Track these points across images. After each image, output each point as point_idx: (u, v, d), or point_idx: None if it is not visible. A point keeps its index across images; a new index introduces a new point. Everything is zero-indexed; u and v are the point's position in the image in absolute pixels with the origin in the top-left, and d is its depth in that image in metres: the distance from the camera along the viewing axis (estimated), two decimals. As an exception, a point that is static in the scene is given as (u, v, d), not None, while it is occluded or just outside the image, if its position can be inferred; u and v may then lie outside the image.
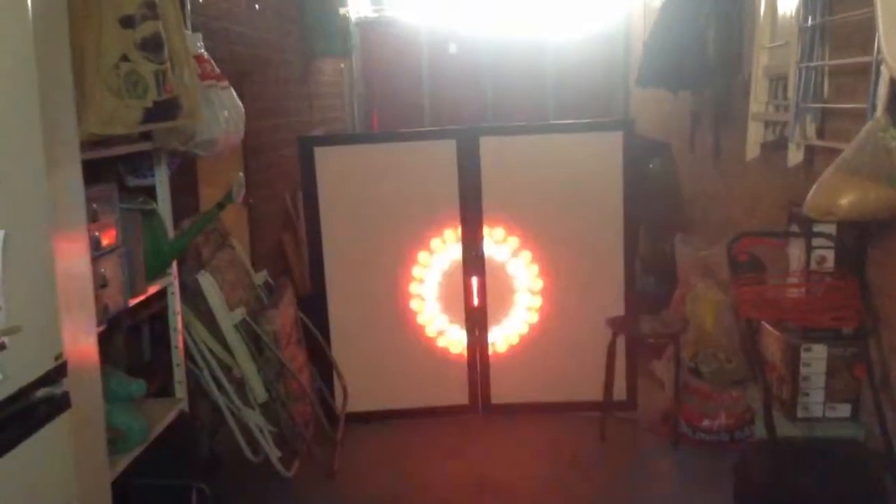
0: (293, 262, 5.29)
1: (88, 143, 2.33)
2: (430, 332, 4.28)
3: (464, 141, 4.12)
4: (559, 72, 7.75)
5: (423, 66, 7.90)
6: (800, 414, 3.21)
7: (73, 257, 2.02)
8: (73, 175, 2.10)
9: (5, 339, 1.57)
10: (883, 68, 2.63)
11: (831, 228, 3.09)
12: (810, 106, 3.34)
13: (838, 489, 2.86)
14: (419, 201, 4.17)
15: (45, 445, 1.74)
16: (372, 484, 3.64)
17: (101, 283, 2.42)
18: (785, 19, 3.71)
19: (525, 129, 4.40)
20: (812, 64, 3.31)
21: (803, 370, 3.18)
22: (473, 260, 4.19)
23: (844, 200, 2.67)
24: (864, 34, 2.88)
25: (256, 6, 4.92)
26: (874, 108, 2.72)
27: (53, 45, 1.95)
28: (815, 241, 3.14)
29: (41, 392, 1.71)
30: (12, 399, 1.63)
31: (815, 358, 3.18)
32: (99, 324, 2.32)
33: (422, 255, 4.21)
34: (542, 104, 7.76)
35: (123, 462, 2.54)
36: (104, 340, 2.52)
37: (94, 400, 2.09)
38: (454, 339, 4.30)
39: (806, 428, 3.18)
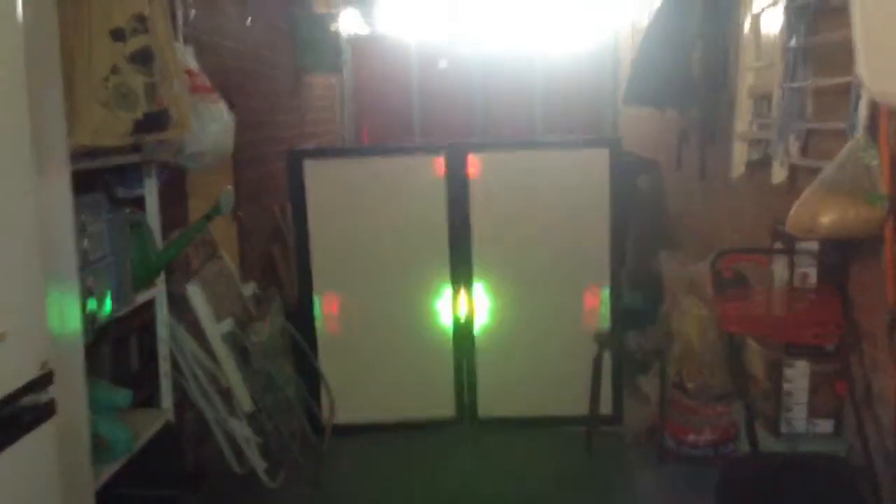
0: (282, 274, 5.30)
1: (78, 154, 2.34)
2: (417, 345, 4.29)
3: (453, 156, 4.15)
4: (548, 89, 7.81)
5: (413, 82, 7.95)
6: (783, 429, 3.22)
7: (60, 266, 2.04)
8: (62, 185, 2.12)
9: (-9, 346, 1.59)
10: (863, 89, 2.67)
11: (814, 246, 3.12)
12: (794, 125, 3.38)
13: (820, 504, 2.88)
14: (408, 214, 4.19)
15: (30, 452, 1.75)
16: (357, 496, 3.64)
17: (88, 293, 2.43)
18: (769, 39, 3.76)
19: (513, 146, 4.45)
20: (795, 84, 3.36)
21: (786, 386, 3.20)
22: (461, 272, 4.21)
23: (825, 218, 2.70)
24: (845, 55, 2.92)
25: (248, 21, 4.95)
26: (855, 127, 2.76)
27: (44, 57, 1.97)
28: (798, 259, 3.17)
29: (26, 399, 1.72)
30: (-3, 406, 1.64)
31: (798, 374, 3.20)
32: (85, 333, 2.33)
33: (409, 267, 4.22)
34: (531, 120, 7.82)
35: (108, 472, 2.54)
36: (91, 350, 2.53)
37: (80, 408, 2.10)
38: (442, 353, 4.30)
39: (789, 443, 3.20)
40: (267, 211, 5.32)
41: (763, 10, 3.79)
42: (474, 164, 4.15)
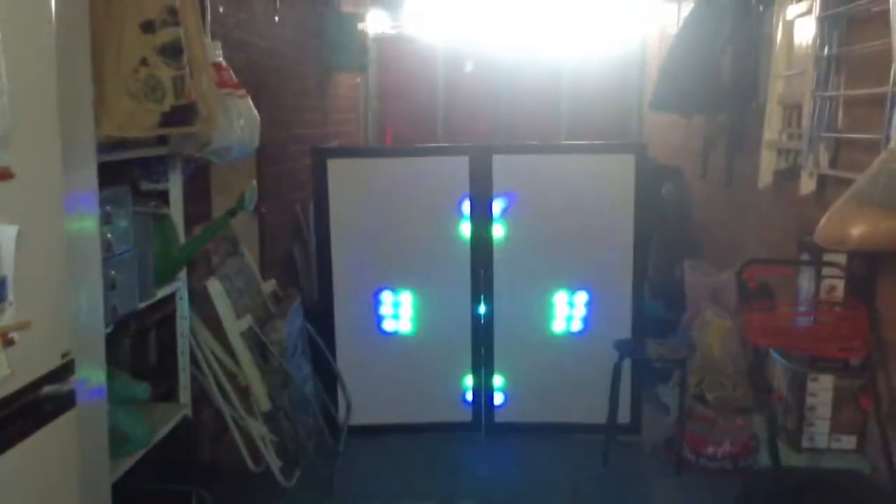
0: (302, 273, 5.30)
1: (104, 145, 2.35)
2: (435, 347, 4.27)
3: (476, 158, 4.14)
4: (574, 93, 7.78)
5: (438, 84, 7.94)
6: (805, 444, 3.18)
7: (84, 257, 2.04)
8: (89, 176, 2.12)
9: (14, 335, 1.58)
10: (899, 99, 2.63)
11: (842, 258, 3.08)
12: (824, 135, 3.34)
13: (842, 522, 2.83)
14: (430, 216, 4.18)
15: (49, 442, 1.75)
16: (371, 498, 3.63)
17: (110, 285, 2.43)
18: (801, 48, 3.71)
19: (538, 149, 4.42)
20: (827, 93, 3.31)
21: (809, 400, 3.16)
22: (481, 277, 4.19)
23: (856, 231, 2.66)
24: (880, 65, 2.88)
25: (276, 18, 4.96)
26: (888, 138, 2.71)
27: (74, 47, 1.98)
28: (826, 271, 3.13)
29: (47, 389, 1.72)
30: (19, 394, 1.63)
31: (822, 388, 3.16)
32: (107, 325, 2.33)
33: (430, 270, 4.20)
34: (556, 125, 7.78)
35: (125, 464, 2.54)
36: (111, 342, 2.53)
37: (99, 400, 2.10)
38: (460, 356, 4.28)
39: (811, 458, 3.15)
40: (289, 210, 5.32)
41: (796, 17, 3.74)
42: (499, 167, 4.12)
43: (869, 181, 2.67)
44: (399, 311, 4.24)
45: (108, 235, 2.43)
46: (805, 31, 3.64)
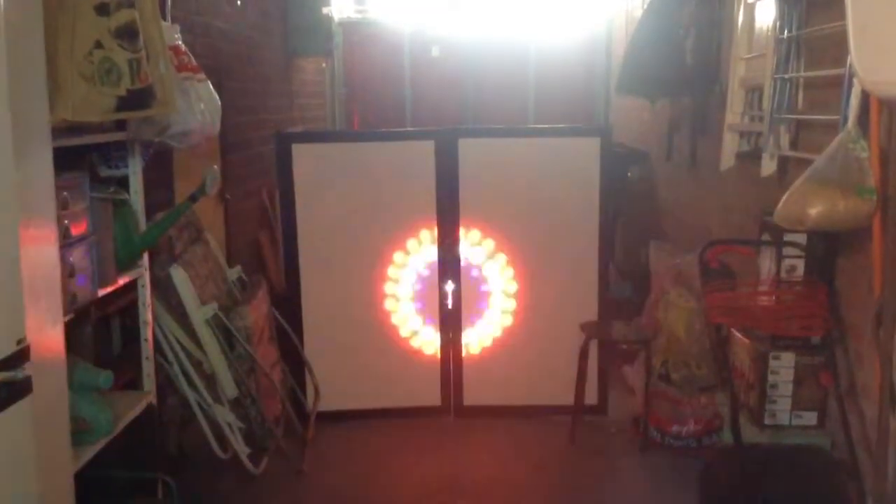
0: (269, 259, 5.27)
1: (60, 130, 2.31)
2: (403, 332, 4.28)
3: (443, 142, 4.13)
4: (541, 78, 7.79)
5: (405, 69, 7.91)
6: (767, 421, 3.23)
7: (40, 244, 2.01)
8: (44, 161, 2.09)
9: (-34, 322, 1.56)
10: (855, 80, 2.66)
11: (802, 238, 3.12)
12: (784, 117, 3.38)
13: (803, 496, 2.88)
14: (396, 201, 4.17)
15: (6, 430, 1.72)
16: (341, 483, 3.62)
17: (69, 272, 2.40)
18: (762, 31, 3.75)
19: (504, 132, 4.42)
20: (787, 75, 3.35)
21: (771, 378, 3.21)
22: (449, 261, 4.19)
23: (814, 210, 2.70)
24: (837, 47, 2.92)
25: (239, 2, 4.91)
26: (846, 119, 2.75)
27: (26, 30, 1.93)
28: (786, 250, 3.17)
29: (1, 375, 1.69)
30: (-29, 382, 1.61)
31: (783, 366, 3.21)
32: (66, 312, 2.30)
33: (397, 256, 4.20)
34: (523, 109, 7.79)
35: (88, 453, 2.52)
36: (72, 330, 2.50)
37: (58, 387, 2.07)
38: (428, 341, 4.29)
39: (772, 435, 3.21)
40: (255, 196, 5.29)
41: (757, 0, 3.78)
42: (465, 151, 4.12)
43: (826, 162, 2.71)
44: (367, 297, 4.22)
45: (66, 221, 2.40)
46: (765, 14, 3.67)
